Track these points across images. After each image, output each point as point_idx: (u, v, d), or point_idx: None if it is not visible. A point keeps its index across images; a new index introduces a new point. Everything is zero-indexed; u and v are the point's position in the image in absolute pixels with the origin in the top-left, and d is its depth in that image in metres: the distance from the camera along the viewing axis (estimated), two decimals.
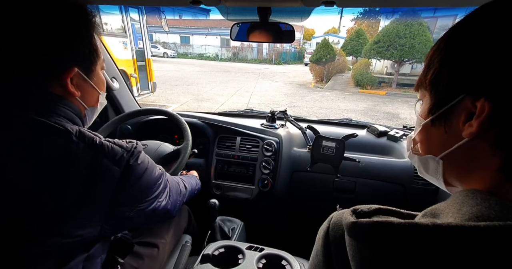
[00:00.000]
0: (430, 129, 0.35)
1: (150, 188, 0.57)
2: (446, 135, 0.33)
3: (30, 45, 0.45)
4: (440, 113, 0.33)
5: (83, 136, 0.47)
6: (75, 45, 0.49)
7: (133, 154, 0.51)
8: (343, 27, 25.13)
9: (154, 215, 0.61)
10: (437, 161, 0.35)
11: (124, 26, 4.96)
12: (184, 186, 0.82)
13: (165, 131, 1.39)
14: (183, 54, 22.46)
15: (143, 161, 0.54)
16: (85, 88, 0.54)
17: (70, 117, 0.51)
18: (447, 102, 0.31)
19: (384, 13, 11.35)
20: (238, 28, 1.00)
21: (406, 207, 0.40)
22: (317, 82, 11.20)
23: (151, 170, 0.57)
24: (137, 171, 0.52)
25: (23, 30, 0.44)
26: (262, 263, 0.75)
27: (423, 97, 0.37)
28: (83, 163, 0.46)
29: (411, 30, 8.44)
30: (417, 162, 0.40)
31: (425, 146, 0.37)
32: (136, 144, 0.54)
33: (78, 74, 0.51)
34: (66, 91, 0.50)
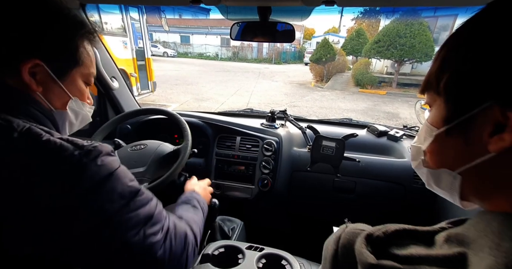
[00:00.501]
0: (445, 139, 0.31)
1: (120, 198, 0.45)
2: (466, 147, 0.29)
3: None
4: (459, 122, 0.29)
5: (28, 133, 0.42)
6: (43, 39, 0.46)
7: (89, 153, 0.43)
8: (343, 26, 25.15)
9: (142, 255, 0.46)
10: (454, 176, 0.31)
11: (124, 26, 4.96)
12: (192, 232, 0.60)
13: (165, 130, 1.39)
14: (183, 53, 22.45)
15: (105, 164, 0.44)
16: (50, 86, 0.50)
17: (32, 115, 0.47)
18: (469, 109, 0.27)
19: (385, 13, 11.33)
20: (238, 27, 1.00)
21: (405, 207, 0.40)
22: (317, 81, 11.20)
23: (122, 176, 0.46)
24: (94, 172, 0.43)
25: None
26: (262, 263, 0.75)
27: (432, 102, 0.33)
28: (15, 163, 0.40)
29: (411, 30, 8.43)
30: (426, 174, 0.36)
31: (437, 158, 0.33)
32: (98, 145, 0.45)
33: (43, 69, 0.47)
34: (23, 83, 0.46)
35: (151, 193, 0.53)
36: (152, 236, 0.48)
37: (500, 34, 0.26)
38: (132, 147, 1.04)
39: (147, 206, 0.49)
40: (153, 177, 0.97)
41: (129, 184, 0.47)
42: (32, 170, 0.40)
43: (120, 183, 0.46)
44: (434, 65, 0.33)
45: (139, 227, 0.47)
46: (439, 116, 0.31)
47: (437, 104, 0.32)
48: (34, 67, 0.46)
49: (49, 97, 0.50)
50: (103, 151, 0.45)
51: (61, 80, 0.51)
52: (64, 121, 0.55)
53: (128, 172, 0.50)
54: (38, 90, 0.48)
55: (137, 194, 0.48)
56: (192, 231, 0.62)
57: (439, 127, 0.31)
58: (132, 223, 0.46)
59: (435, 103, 0.32)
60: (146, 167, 0.97)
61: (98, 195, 0.43)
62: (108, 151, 0.47)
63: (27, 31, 0.45)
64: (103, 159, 0.44)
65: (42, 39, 0.46)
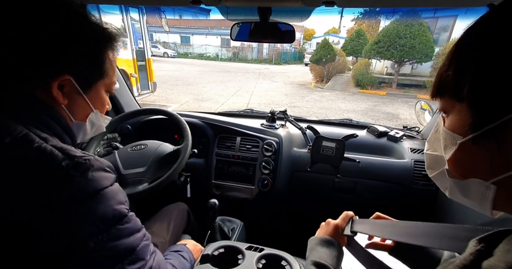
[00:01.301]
0: (472, 147, 0.29)
1: (101, 222, 0.40)
2: (500, 155, 0.26)
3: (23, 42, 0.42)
4: (489, 129, 0.26)
5: (22, 139, 0.41)
6: (74, 55, 0.47)
7: (78, 165, 0.40)
8: (343, 27, 25.13)
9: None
10: (486, 186, 0.28)
11: (124, 26, 4.96)
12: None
13: (165, 131, 1.39)
14: (183, 54, 22.46)
15: (94, 180, 0.41)
16: (75, 99, 0.50)
17: (50, 126, 0.47)
18: (500, 115, 0.25)
19: (385, 13, 11.34)
20: (239, 28, 1.00)
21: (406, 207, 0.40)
22: (317, 82, 11.20)
23: (109, 197, 0.42)
24: (79, 187, 0.39)
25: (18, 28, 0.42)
26: (261, 264, 0.75)
27: (450, 108, 0.31)
28: (1, 168, 0.39)
29: (411, 31, 8.44)
30: (450, 185, 0.33)
31: (465, 168, 0.31)
32: (92, 159, 0.43)
33: (70, 83, 0.47)
34: (49, 96, 0.46)
35: (140, 224, 0.48)
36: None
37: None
38: (132, 147, 1.05)
39: (131, 237, 0.44)
40: (153, 177, 0.97)
41: (115, 207, 0.42)
42: (16, 176, 0.39)
43: (104, 205, 0.41)
44: (447, 67, 0.31)
45: (116, 261, 0.42)
46: (462, 123, 0.29)
47: (457, 110, 0.30)
48: (63, 81, 0.47)
49: (72, 109, 0.51)
50: (95, 166, 0.42)
51: (86, 92, 0.51)
52: (80, 131, 0.55)
53: (120, 193, 0.45)
54: (64, 103, 0.48)
55: (121, 221, 0.43)
56: None
57: (464, 134, 0.29)
58: (108, 255, 0.41)
59: (453, 108, 0.30)
60: (146, 167, 0.97)
61: (76, 212, 0.39)
62: (102, 167, 0.44)
63: (62, 47, 0.45)
64: (93, 174, 0.41)
65: (75, 55, 0.47)
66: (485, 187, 0.29)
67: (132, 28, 5.09)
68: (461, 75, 0.29)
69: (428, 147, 0.37)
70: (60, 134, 0.49)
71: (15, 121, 0.43)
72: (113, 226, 0.42)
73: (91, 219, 0.40)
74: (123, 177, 0.95)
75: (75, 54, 0.47)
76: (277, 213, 1.44)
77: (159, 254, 0.53)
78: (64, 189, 0.39)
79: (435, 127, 0.36)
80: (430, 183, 1.13)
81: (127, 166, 0.97)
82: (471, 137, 0.28)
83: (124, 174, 0.95)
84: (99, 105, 0.56)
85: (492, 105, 0.26)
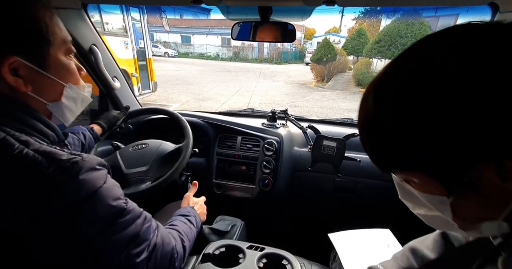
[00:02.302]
0: (461, 201, 0.29)
1: (102, 220, 0.40)
2: (489, 199, 0.28)
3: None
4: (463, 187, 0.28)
5: (2, 146, 0.37)
6: (7, 30, 0.40)
7: (66, 170, 0.38)
8: (344, 26, 25.04)
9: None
10: (499, 224, 0.29)
11: (125, 26, 4.97)
12: (182, 247, 0.60)
13: (166, 130, 1.39)
14: (184, 53, 22.46)
15: (86, 183, 0.39)
16: (38, 80, 0.44)
17: (21, 120, 0.42)
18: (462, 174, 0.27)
19: (386, 12, 11.32)
20: (239, 27, 1.00)
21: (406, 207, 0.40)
22: (318, 81, 11.18)
23: (105, 196, 0.41)
24: (71, 192, 0.38)
25: None
26: (262, 263, 0.75)
27: (412, 177, 0.32)
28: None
29: (412, 30, 8.43)
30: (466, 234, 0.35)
31: (469, 217, 0.31)
32: (79, 160, 0.40)
33: (21, 63, 0.41)
34: (9, 87, 0.41)
35: (138, 209, 0.48)
36: (136, 257, 0.44)
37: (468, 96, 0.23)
38: (134, 147, 1.05)
39: (133, 225, 0.45)
40: (156, 176, 0.97)
41: (113, 204, 0.42)
42: (3, 189, 0.36)
43: (102, 204, 0.40)
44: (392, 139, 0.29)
45: (122, 249, 0.43)
46: (434, 186, 0.30)
47: (419, 177, 0.31)
48: (12, 65, 0.41)
49: (41, 92, 0.45)
50: (84, 168, 0.40)
51: (44, 68, 0.44)
52: (63, 111, 0.50)
53: (115, 188, 0.44)
54: (28, 89, 0.43)
55: (121, 215, 0.43)
56: (183, 244, 0.61)
57: (444, 194, 0.30)
58: (113, 247, 0.42)
59: (414, 177, 0.31)
60: (148, 166, 0.98)
61: (74, 218, 0.38)
62: (92, 166, 0.41)
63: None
64: (83, 177, 0.39)
65: (6, 31, 0.40)
66: (498, 225, 0.29)
67: (133, 27, 5.09)
68: (416, 150, 0.28)
69: (412, 206, 0.37)
70: (40, 129, 0.45)
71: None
72: (114, 221, 0.42)
73: (90, 221, 0.39)
74: (126, 177, 0.95)
75: (5, 30, 0.40)
76: (278, 213, 1.44)
77: (161, 229, 0.53)
78: (55, 197, 0.37)
79: (400, 188, 0.36)
80: None
81: (129, 165, 0.98)
82: (455, 197, 0.29)
83: (127, 173, 0.96)
84: (67, 75, 0.49)
85: (452, 169, 0.27)
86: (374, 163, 0.34)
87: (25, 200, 0.37)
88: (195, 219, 0.77)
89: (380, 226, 0.89)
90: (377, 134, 0.30)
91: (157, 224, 0.52)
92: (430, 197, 0.31)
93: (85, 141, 0.91)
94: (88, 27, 1.07)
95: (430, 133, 0.26)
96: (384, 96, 0.29)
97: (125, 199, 0.46)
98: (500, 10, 0.79)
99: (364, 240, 0.83)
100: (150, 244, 0.48)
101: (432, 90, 0.25)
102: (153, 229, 0.50)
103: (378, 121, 0.30)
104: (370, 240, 0.83)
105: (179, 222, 0.71)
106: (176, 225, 0.69)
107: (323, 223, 1.21)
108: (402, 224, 1.07)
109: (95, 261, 0.41)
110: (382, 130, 0.30)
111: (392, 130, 0.28)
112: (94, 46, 1.09)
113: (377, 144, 0.31)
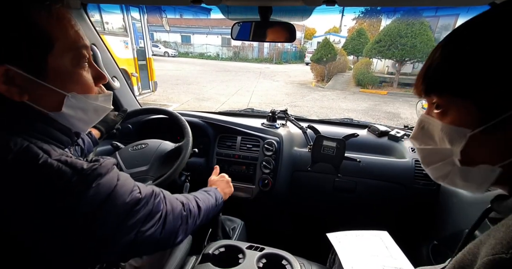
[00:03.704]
0: (481, 138, 0.31)
1: (117, 218, 0.44)
2: (506, 142, 0.29)
3: None
4: (497, 121, 0.29)
5: (25, 155, 0.38)
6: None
7: (87, 177, 0.40)
8: (344, 26, 25.02)
9: (134, 248, 0.47)
10: (492, 169, 0.32)
11: (125, 25, 4.96)
12: (197, 205, 0.66)
13: (165, 130, 1.39)
14: (184, 53, 22.46)
15: (103, 185, 0.42)
16: (36, 89, 0.42)
17: (32, 127, 0.42)
18: (506, 108, 0.28)
19: (386, 12, 11.30)
20: (239, 27, 1.00)
21: (406, 207, 0.40)
22: (318, 81, 11.18)
23: (120, 194, 0.44)
24: (92, 197, 0.40)
25: None
26: (262, 263, 0.75)
27: (447, 104, 0.33)
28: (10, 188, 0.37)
29: (412, 30, 8.41)
30: (453, 172, 0.36)
31: (473, 156, 0.33)
32: (98, 167, 0.42)
33: (17, 73, 0.39)
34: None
35: (149, 190, 0.51)
36: (149, 230, 0.48)
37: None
38: (133, 147, 1.05)
39: (147, 207, 0.48)
40: (157, 175, 0.98)
41: (128, 199, 0.45)
42: (28, 197, 0.38)
43: (119, 201, 0.44)
44: (440, 63, 0.32)
45: (136, 228, 0.46)
46: (469, 118, 0.31)
47: (457, 105, 0.32)
48: (7, 73, 0.39)
49: (39, 102, 0.43)
50: (102, 173, 0.42)
51: (41, 76, 0.41)
52: (69, 121, 0.47)
53: (127, 181, 0.47)
54: (24, 98, 0.41)
55: (137, 204, 0.47)
56: (197, 204, 0.67)
57: (471, 127, 0.31)
58: (130, 228, 0.45)
59: (452, 104, 0.33)
60: (149, 165, 0.98)
61: (95, 220, 0.41)
62: (108, 170, 0.44)
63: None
64: (102, 181, 0.42)
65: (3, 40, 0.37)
66: (491, 170, 0.31)
67: (133, 27, 5.09)
68: (461, 70, 0.31)
69: (419, 143, 0.39)
70: (55, 136, 0.45)
71: (8, 132, 0.40)
72: (131, 211, 0.45)
73: (111, 219, 0.43)
74: None
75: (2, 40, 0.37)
76: (277, 213, 1.44)
77: (168, 195, 0.57)
78: (80, 203, 0.40)
79: (421, 125, 0.38)
80: (431, 182, 1.12)
81: (130, 165, 0.98)
82: (481, 129, 0.30)
83: (127, 173, 0.96)
84: (70, 83, 0.44)
85: (497, 100, 0.29)
86: (425, 81, 0.35)
87: (51, 207, 0.38)
88: (215, 194, 0.81)
89: (379, 226, 0.89)
90: (451, 51, 0.32)
91: (163, 194, 0.56)
92: (452, 128, 0.33)
93: (84, 146, 0.90)
94: (88, 26, 1.07)
95: (497, 61, 0.28)
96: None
97: (138, 188, 0.48)
98: None
99: (363, 241, 0.83)
100: (162, 214, 0.52)
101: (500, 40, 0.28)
102: (162, 200, 0.53)
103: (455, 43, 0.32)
104: (369, 241, 0.83)
105: (197, 193, 0.77)
106: (193, 194, 0.74)
107: (323, 223, 1.21)
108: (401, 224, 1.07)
109: (134, 240, 0.46)
110: (457, 48, 0.32)
111: (464, 48, 0.31)
112: (94, 45, 1.09)
113: (447, 57, 0.33)
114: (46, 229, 0.39)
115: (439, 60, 0.33)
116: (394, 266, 0.72)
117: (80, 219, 0.40)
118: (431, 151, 0.38)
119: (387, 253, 0.77)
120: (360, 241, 0.82)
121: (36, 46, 0.40)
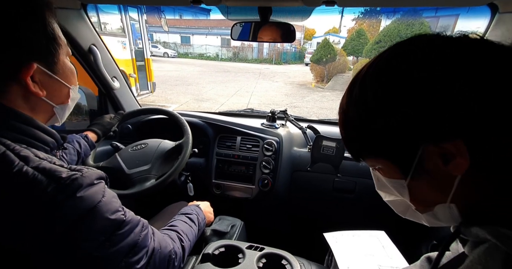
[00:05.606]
0: (417, 183, 0.33)
1: (100, 235, 0.41)
2: (437, 181, 0.31)
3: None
4: (414, 169, 0.32)
5: (2, 162, 0.37)
6: (28, 36, 0.41)
7: (65, 188, 0.38)
8: (344, 27, 25.05)
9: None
10: (448, 207, 0.33)
11: (123, 26, 4.96)
12: (181, 246, 0.62)
13: (164, 130, 1.39)
14: (183, 54, 22.47)
15: (84, 199, 0.39)
16: (51, 84, 0.46)
17: (18, 129, 0.42)
18: (413, 158, 0.31)
19: (385, 13, 11.34)
20: (239, 27, 1.00)
21: None
22: (318, 82, 11.19)
23: (103, 211, 0.41)
24: (70, 210, 0.38)
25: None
26: (262, 263, 0.75)
27: (376, 163, 0.36)
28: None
29: (412, 30, 8.44)
30: (425, 218, 0.37)
31: (423, 200, 0.35)
32: (79, 177, 0.40)
33: (39, 70, 0.43)
34: (25, 95, 0.43)
35: (136, 218, 0.48)
36: (135, 264, 0.45)
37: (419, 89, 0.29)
38: (133, 147, 1.05)
39: (132, 235, 0.45)
40: (159, 173, 0.99)
41: (112, 218, 0.42)
42: (5, 206, 0.37)
43: (100, 219, 0.41)
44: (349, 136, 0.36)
45: (121, 258, 0.43)
46: (394, 171, 0.34)
47: (382, 163, 0.35)
48: (31, 70, 0.42)
49: (52, 96, 0.47)
50: (84, 184, 0.40)
51: (56, 72, 0.46)
52: (65, 112, 0.52)
53: (113, 201, 0.44)
54: (43, 95, 0.44)
55: (120, 227, 0.43)
56: (182, 244, 0.62)
57: (402, 178, 0.34)
58: (114, 256, 0.43)
59: (379, 163, 0.36)
60: (150, 164, 0.99)
61: (74, 234, 0.39)
62: (91, 182, 0.41)
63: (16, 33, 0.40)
64: (83, 194, 0.39)
65: (30, 37, 0.41)
66: (448, 208, 0.33)
67: (132, 28, 5.09)
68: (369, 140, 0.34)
69: (384, 195, 0.42)
70: (40, 138, 0.45)
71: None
72: (113, 234, 0.43)
73: (90, 236, 0.40)
74: (129, 177, 0.96)
75: (26, 32, 0.40)
76: (277, 213, 1.44)
77: (157, 233, 0.55)
78: (55, 215, 0.38)
79: (375, 178, 0.41)
80: None
81: (131, 166, 0.98)
82: (410, 178, 0.33)
83: (129, 173, 0.96)
84: (71, 77, 0.50)
85: (403, 155, 0.32)
86: (349, 151, 0.39)
87: (25, 218, 0.37)
88: (198, 217, 0.78)
89: (379, 225, 0.89)
90: (349, 122, 0.36)
91: (153, 230, 0.53)
92: (393, 181, 0.36)
93: (81, 149, 0.90)
94: (88, 27, 1.07)
95: (389, 118, 0.30)
96: (365, 87, 0.33)
97: (123, 210, 0.46)
98: (499, 10, 0.80)
99: (360, 240, 0.83)
100: (149, 250, 0.49)
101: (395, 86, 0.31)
102: (150, 235, 0.50)
103: (350, 110, 0.35)
104: (365, 241, 0.83)
105: (179, 222, 0.71)
106: (175, 226, 0.69)
107: (323, 223, 1.21)
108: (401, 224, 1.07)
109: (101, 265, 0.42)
110: (353, 117, 0.35)
111: (360, 116, 0.34)
112: (94, 46, 1.09)
113: (350, 131, 0.36)
114: (31, 238, 0.37)
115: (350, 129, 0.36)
116: (390, 265, 0.72)
117: (60, 228, 0.38)
118: (395, 203, 0.40)
119: (383, 253, 0.77)
120: (356, 240, 0.83)
121: (53, 44, 0.45)
